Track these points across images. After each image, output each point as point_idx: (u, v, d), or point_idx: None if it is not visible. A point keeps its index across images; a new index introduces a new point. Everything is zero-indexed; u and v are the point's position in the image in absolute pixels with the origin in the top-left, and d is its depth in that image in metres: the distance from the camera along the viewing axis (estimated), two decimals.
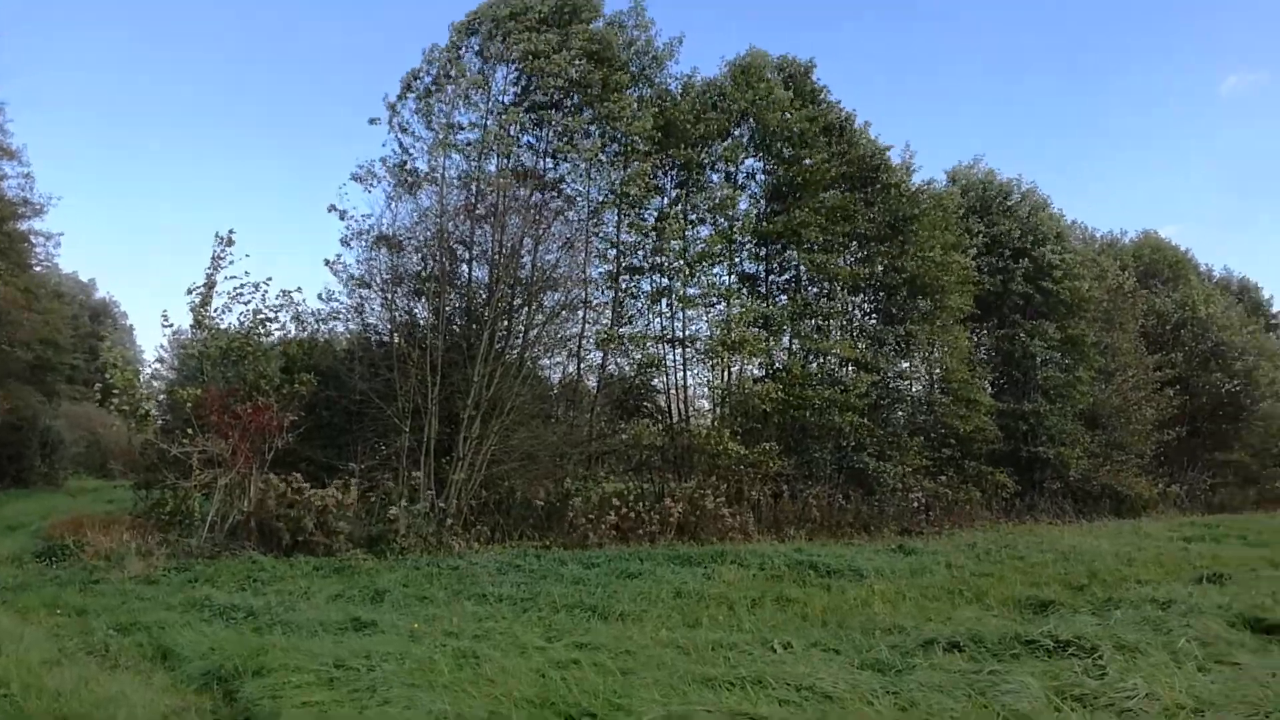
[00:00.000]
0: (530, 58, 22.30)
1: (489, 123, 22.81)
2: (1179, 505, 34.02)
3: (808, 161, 24.90)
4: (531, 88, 23.08)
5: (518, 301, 20.36)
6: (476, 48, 23.27)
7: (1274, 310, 50.99)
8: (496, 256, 20.09)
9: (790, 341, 26.01)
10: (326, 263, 21.16)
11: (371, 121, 22.97)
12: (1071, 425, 30.14)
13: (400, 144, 22.89)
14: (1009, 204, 31.73)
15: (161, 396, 20.86)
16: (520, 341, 20.61)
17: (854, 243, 26.32)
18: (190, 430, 16.60)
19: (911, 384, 29.04)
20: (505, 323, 20.10)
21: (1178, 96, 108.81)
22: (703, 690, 7.07)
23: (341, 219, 21.18)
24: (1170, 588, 12.79)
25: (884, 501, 24.15)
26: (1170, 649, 8.26)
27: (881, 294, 27.42)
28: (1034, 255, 30.51)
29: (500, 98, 23.35)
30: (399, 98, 22.90)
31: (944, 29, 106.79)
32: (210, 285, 18.56)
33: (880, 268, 26.52)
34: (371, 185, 22.39)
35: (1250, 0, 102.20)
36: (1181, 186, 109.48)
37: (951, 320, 26.95)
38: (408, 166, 22.70)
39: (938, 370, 28.07)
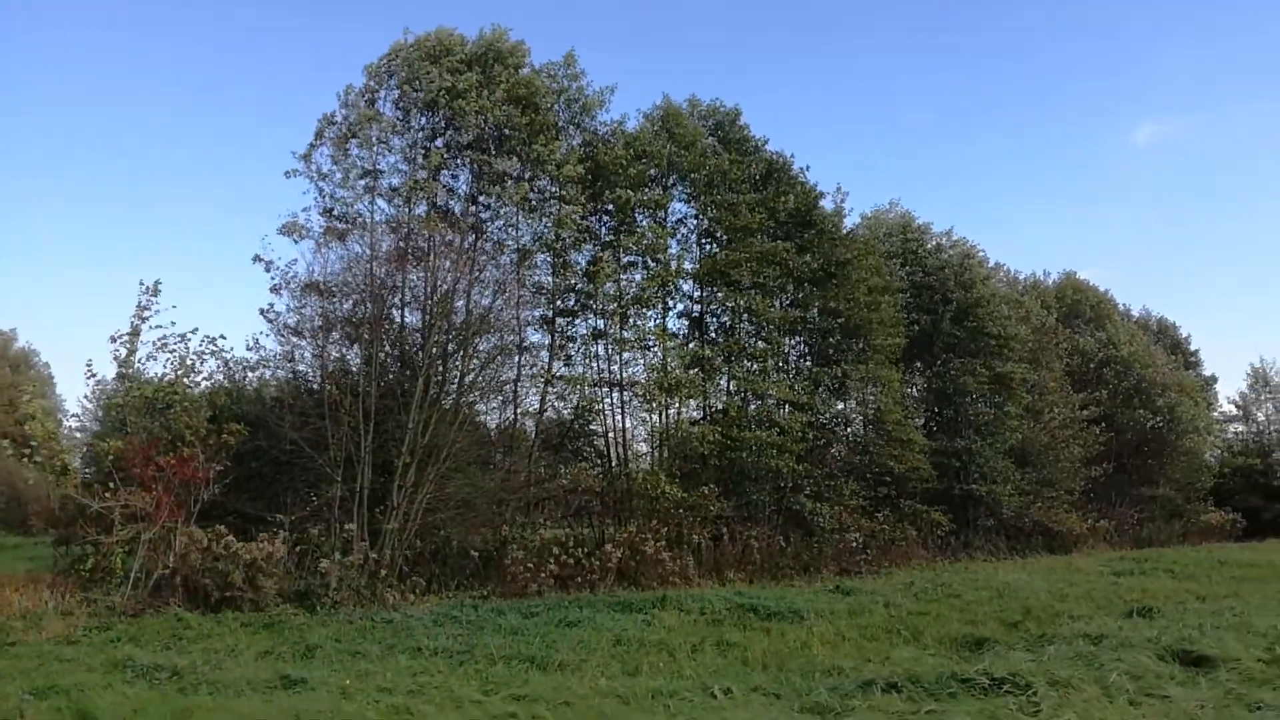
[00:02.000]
0: (451, 97, 22.19)
1: (412, 166, 22.61)
2: (1108, 540, 34.76)
3: (736, 205, 25.23)
4: (455, 129, 22.95)
5: (452, 346, 20.16)
6: (396, 90, 23.11)
7: (1193, 348, 52.78)
8: (428, 301, 19.92)
9: (727, 383, 26.18)
10: (261, 312, 20.74)
11: (288, 175, 22.19)
12: (1002, 462, 30.69)
13: (321, 190, 22.46)
14: (930, 248, 32.54)
15: (83, 449, 20.20)
16: (456, 387, 20.39)
17: (789, 285, 26.65)
18: (112, 484, 16.07)
19: (847, 425, 29.39)
20: (440, 368, 19.88)
21: (1094, 143, 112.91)
22: None
23: (267, 270, 20.71)
24: (1102, 622, 13.06)
25: (823, 542, 24.21)
26: (1102, 683, 8.41)
27: (816, 336, 27.78)
28: (960, 298, 31.26)
29: (423, 141, 23.19)
30: (312, 145, 22.28)
31: (863, 73, 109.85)
32: (135, 334, 18.10)
33: (814, 310, 26.92)
34: (299, 237, 21.86)
35: (1164, 52, 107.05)
36: (1099, 230, 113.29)
37: (883, 361, 27.37)
38: (334, 213, 22.33)
39: (872, 411, 28.43)
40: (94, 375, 18.97)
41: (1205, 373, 52.66)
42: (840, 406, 28.76)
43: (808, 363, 28.04)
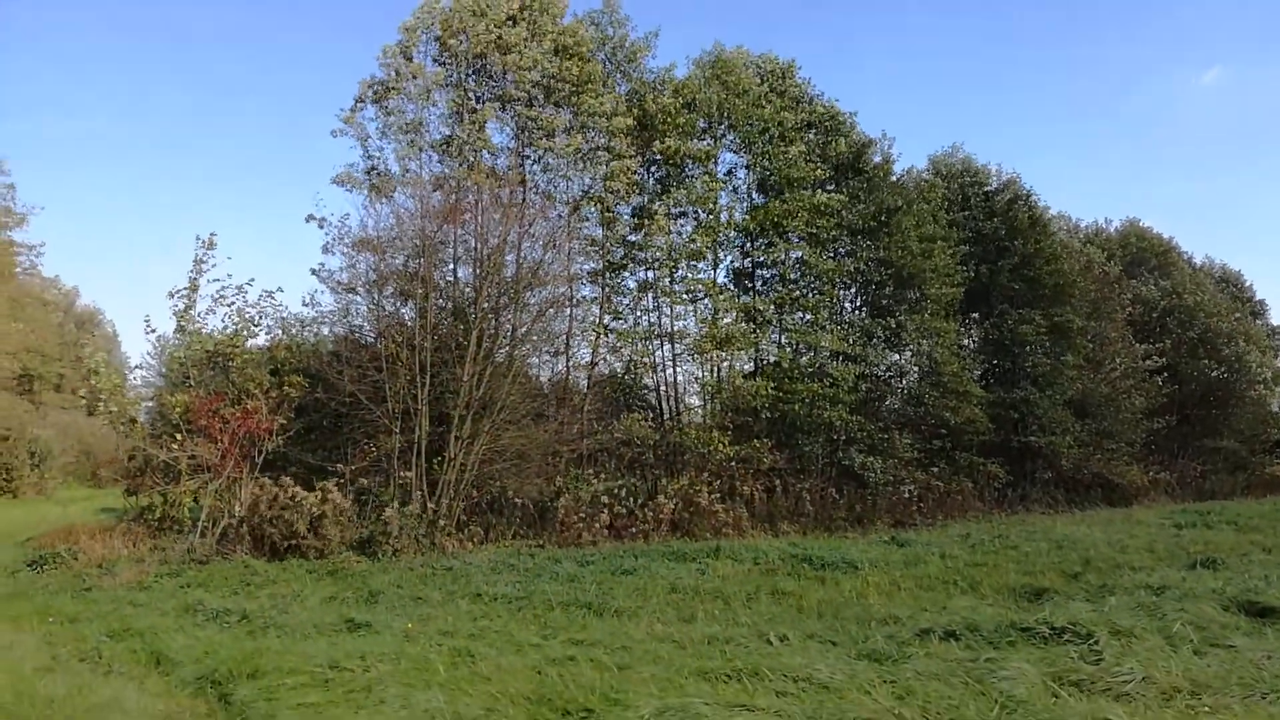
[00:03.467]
0: (499, 52, 22.06)
1: (459, 121, 22.58)
2: (1170, 493, 34.08)
3: (788, 155, 24.85)
4: (505, 83, 22.84)
5: (504, 300, 20.26)
6: (435, 48, 23.03)
7: (1258, 297, 51.14)
8: (479, 255, 20.00)
9: (779, 336, 26.00)
10: (313, 271, 21.31)
11: (334, 134, 22.49)
12: (1061, 413, 30.11)
13: (366, 150, 22.65)
14: (988, 192, 31.72)
15: (148, 403, 20.75)
16: (509, 340, 20.52)
17: (842, 235, 26.25)
18: (179, 435, 16.51)
19: (902, 377, 29.05)
20: (493, 321, 19.99)
21: (1160, 86, 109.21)
22: (699, 683, 7.06)
23: (320, 227, 21.11)
24: (1164, 573, 12.85)
25: (876, 495, 24.13)
26: (1165, 633, 8.28)
27: (868, 287, 27.41)
28: (1017, 246, 30.52)
29: (469, 95, 23.12)
30: (354, 106, 22.44)
31: (923, 13, 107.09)
32: (193, 289, 18.46)
33: (866, 261, 26.50)
34: (352, 188, 22.21)
35: None
36: (1162, 177, 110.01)
37: (938, 311, 26.93)
38: (380, 170, 22.51)
39: (927, 362, 28.03)
40: (153, 330, 19.46)
41: (1273, 322, 51.11)
42: (895, 358, 28.42)
43: (860, 314, 27.72)
